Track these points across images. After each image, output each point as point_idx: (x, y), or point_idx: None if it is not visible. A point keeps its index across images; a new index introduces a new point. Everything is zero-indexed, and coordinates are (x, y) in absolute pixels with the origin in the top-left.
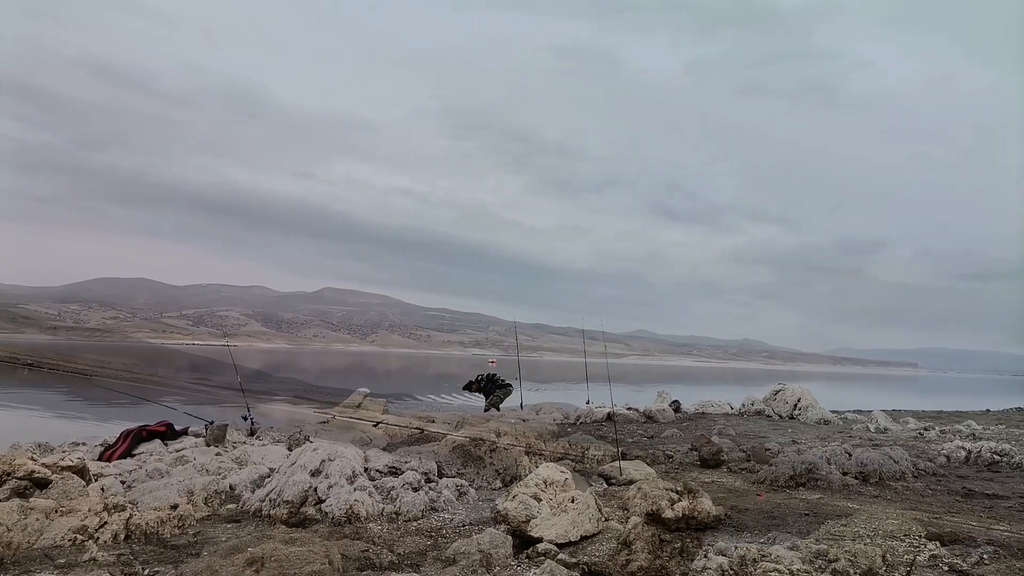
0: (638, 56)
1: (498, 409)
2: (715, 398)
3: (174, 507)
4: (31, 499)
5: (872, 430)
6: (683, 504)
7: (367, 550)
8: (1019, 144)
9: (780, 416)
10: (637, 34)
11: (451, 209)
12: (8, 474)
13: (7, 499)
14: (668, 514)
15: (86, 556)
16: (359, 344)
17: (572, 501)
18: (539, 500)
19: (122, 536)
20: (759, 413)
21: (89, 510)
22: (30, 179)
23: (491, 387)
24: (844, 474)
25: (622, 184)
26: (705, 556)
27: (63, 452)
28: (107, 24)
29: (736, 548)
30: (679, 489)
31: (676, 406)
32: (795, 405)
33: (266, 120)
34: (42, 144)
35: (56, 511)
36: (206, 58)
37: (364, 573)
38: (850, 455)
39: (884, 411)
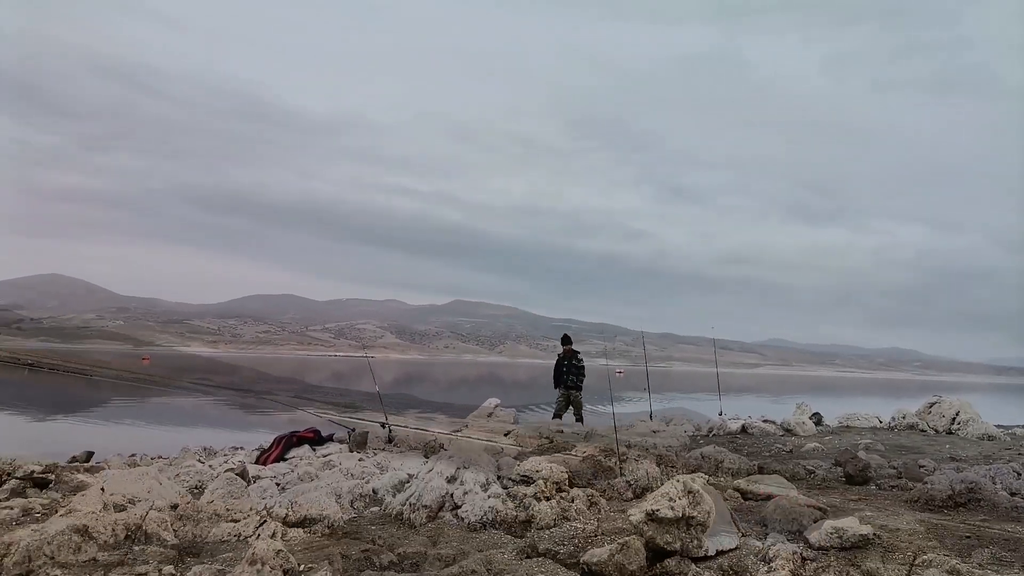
0: (767, 58)
1: (581, 420)
2: (861, 411)
3: (323, 509)
4: (200, 498)
5: None
6: (826, 523)
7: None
8: None
9: (936, 431)
10: (766, 35)
11: (575, 219)
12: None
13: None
14: (810, 532)
15: (248, 552)
16: (487, 355)
17: (707, 515)
18: (672, 512)
19: (279, 534)
20: (911, 427)
21: (251, 509)
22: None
23: (569, 370)
24: (1012, 495)
25: (754, 188)
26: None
27: (225, 456)
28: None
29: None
30: (821, 506)
31: (817, 419)
32: (953, 419)
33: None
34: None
35: (226, 510)
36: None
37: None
38: (1019, 474)
39: None
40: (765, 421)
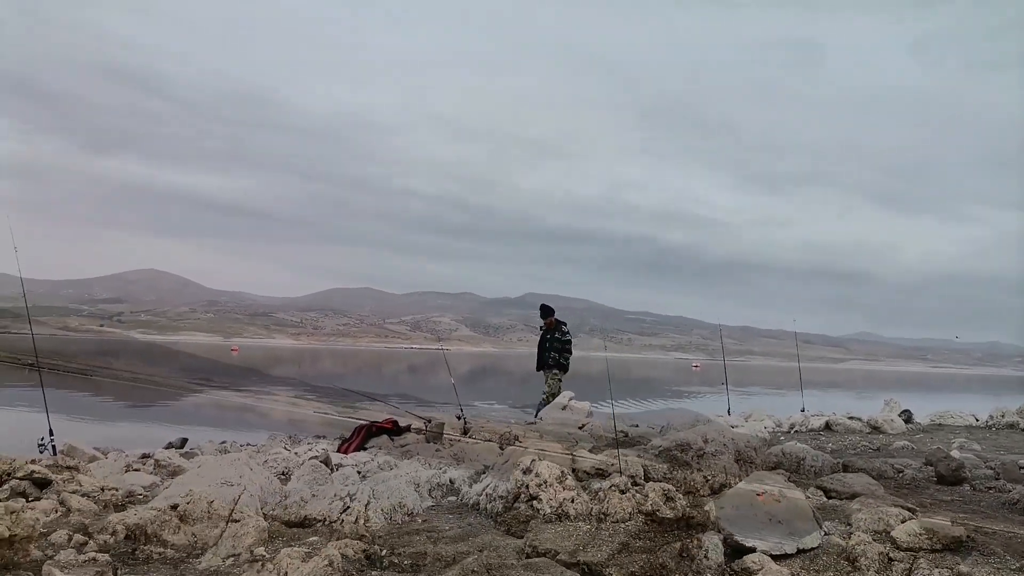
0: (850, 41)
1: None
2: (955, 408)
3: (402, 497)
4: (287, 484)
5: None
6: (914, 523)
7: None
8: None
9: None
10: (848, 16)
11: (649, 210)
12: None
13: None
14: (897, 532)
15: (335, 536)
16: None
17: (787, 512)
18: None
19: (363, 520)
20: (1011, 426)
21: (335, 496)
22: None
23: (551, 345)
24: None
25: (836, 175)
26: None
27: (309, 444)
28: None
29: None
30: (910, 506)
31: (907, 416)
32: None
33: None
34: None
35: (312, 496)
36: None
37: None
38: None
39: None
40: (850, 418)
